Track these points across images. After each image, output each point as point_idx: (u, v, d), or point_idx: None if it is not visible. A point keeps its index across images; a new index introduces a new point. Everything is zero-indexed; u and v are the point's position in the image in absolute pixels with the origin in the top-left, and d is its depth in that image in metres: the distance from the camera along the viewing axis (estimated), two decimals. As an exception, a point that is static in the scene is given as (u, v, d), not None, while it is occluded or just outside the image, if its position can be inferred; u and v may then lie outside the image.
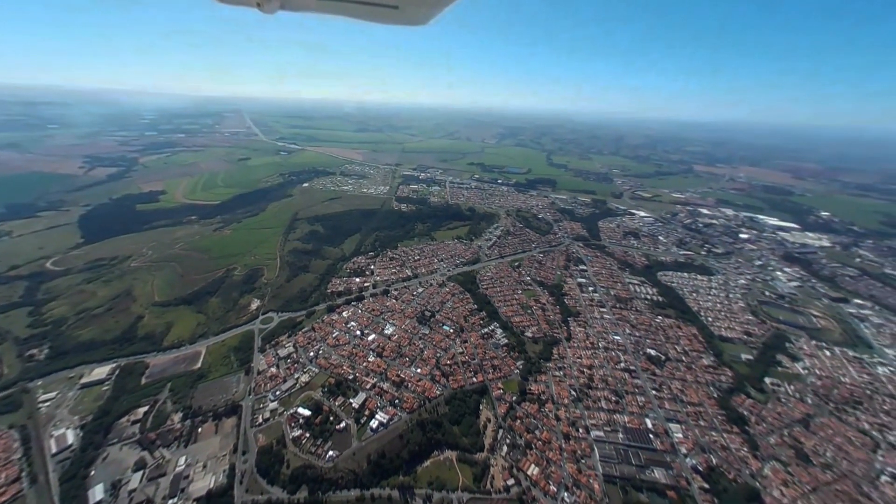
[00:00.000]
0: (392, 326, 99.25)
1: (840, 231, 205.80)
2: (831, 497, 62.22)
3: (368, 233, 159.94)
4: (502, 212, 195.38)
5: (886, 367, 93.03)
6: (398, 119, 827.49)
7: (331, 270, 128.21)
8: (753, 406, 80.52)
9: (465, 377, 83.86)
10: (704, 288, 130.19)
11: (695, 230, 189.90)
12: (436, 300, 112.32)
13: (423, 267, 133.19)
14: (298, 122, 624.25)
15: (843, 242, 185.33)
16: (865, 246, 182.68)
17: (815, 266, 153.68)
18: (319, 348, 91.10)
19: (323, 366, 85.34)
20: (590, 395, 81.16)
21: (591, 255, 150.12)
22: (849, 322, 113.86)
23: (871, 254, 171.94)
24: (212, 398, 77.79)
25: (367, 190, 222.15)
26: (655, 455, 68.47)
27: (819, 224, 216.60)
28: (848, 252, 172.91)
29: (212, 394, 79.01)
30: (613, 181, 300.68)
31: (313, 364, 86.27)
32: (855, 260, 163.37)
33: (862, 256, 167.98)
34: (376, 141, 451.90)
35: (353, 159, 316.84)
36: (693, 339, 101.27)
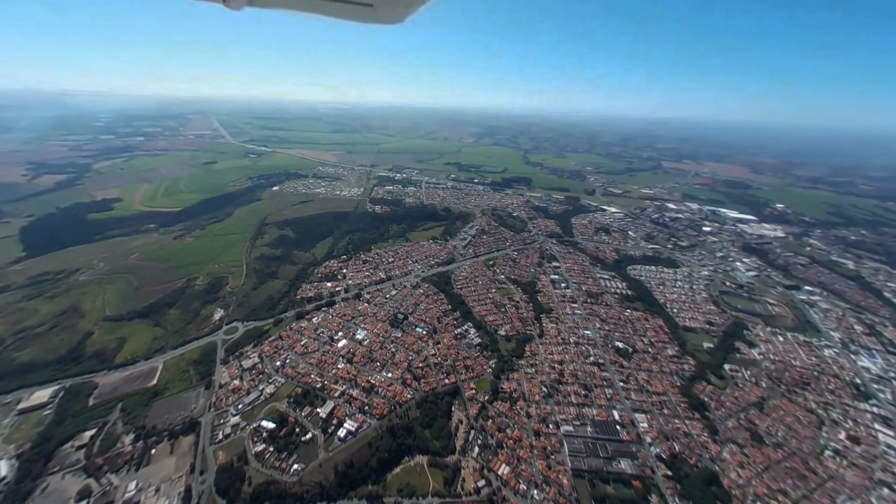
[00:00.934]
0: (364, 331, 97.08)
1: (793, 222, 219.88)
2: (782, 474, 65.72)
3: (341, 236, 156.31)
4: (478, 211, 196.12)
5: (832, 350, 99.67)
6: (375, 119, 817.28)
7: (301, 276, 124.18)
8: (713, 392, 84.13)
9: (437, 379, 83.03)
10: (670, 280, 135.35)
11: (662, 224, 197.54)
12: (409, 302, 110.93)
13: (397, 269, 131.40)
14: (270, 123, 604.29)
15: (795, 233, 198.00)
16: (815, 235, 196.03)
17: (770, 256, 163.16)
18: (287, 357, 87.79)
19: (290, 375, 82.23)
20: (560, 390, 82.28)
21: (564, 252, 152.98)
22: (800, 308, 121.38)
23: (820, 243, 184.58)
24: (168, 416, 73.24)
25: (340, 192, 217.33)
26: (622, 446, 70.11)
27: (774, 216, 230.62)
28: (799, 241, 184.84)
29: (168, 412, 74.41)
30: (587, 178, 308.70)
31: (280, 374, 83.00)
32: (805, 249, 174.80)
33: (812, 245, 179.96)
34: (352, 142, 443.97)
35: (327, 161, 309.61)
36: (659, 331, 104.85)
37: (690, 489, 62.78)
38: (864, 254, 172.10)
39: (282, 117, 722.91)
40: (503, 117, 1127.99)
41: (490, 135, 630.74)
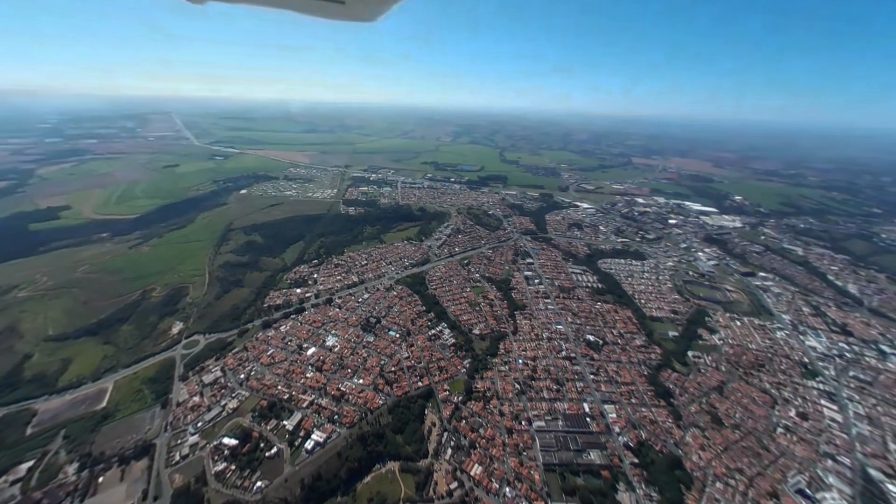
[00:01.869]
0: (334, 337, 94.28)
1: (749, 212, 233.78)
2: (738, 453, 69.13)
3: (313, 240, 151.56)
4: (453, 210, 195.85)
5: (783, 332, 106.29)
6: (351, 119, 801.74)
7: (269, 283, 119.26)
8: (678, 379, 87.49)
9: (410, 383, 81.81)
10: (638, 272, 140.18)
11: (631, 218, 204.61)
12: (382, 305, 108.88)
13: (371, 272, 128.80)
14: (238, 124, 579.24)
15: (751, 223, 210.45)
16: (769, 225, 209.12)
17: (729, 245, 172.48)
18: (252, 369, 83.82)
19: (255, 388, 78.51)
20: (533, 386, 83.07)
21: (537, 249, 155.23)
22: (755, 293, 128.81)
23: (773, 231, 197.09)
24: (118, 441, 68.05)
25: (312, 194, 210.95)
26: (592, 438, 71.55)
27: (733, 207, 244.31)
28: (755, 231, 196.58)
29: (118, 435, 69.16)
30: (561, 175, 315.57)
31: (244, 387, 79.07)
32: (760, 238, 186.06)
33: (766, 234, 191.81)
34: (326, 142, 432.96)
35: (299, 162, 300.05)
36: (628, 322, 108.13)
37: (655, 475, 64.85)
38: (812, 240, 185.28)
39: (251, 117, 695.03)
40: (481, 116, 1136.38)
41: (467, 133, 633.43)
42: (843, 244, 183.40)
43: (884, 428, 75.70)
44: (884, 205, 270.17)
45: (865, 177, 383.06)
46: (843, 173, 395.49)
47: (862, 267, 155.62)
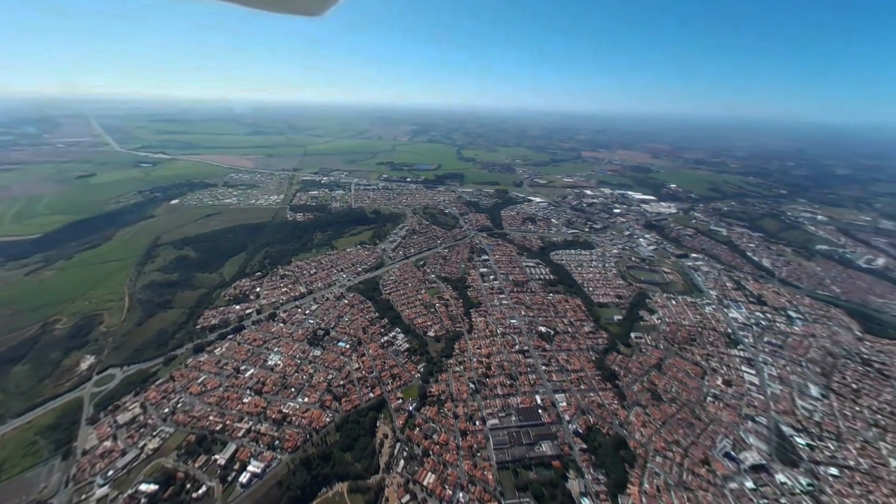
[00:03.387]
0: (277, 355, 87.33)
1: (682, 199, 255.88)
2: (675, 426, 73.98)
3: (256, 250, 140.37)
4: (409, 211, 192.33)
5: (710, 306, 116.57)
6: (302, 119, 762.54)
7: (203, 301, 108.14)
8: (622, 360, 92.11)
9: (360, 395, 77.90)
10: (587, 261, 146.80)
11: (580, 210, 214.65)
12: (332, 315, 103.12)
13: (321, 280, 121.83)
14: (171, 126, 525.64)
15: (684, 208, 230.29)
16: (698, 209, 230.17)
17: (666, 230, 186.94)
18: (179, 400, 74.84)
19: (181, 422, 70.06)
20: (487, 384, 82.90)
21: (493, 245, 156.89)
22: (688, 273, 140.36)
23: (702, 215, 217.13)
24: (3, 508, 57.06)
25: (256, 201, 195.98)
26: (543, 429, 72.71)
27: (669, 194, 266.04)
28: (687, 215, 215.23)
29: (3, 500, 57.98)
30: (516, 171, 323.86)
31: (168, 423, 70.27)
32: (692, 221, 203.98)
33: (696, 218, 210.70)
34: (273, 144, 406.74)
35: (242, 167, 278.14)
36: (577, 310, 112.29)
37: (603, 458, 67.24)
38: (733, 221, 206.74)
39: (187, 119, 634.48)
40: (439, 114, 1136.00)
41: (425, 132, 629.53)
42: (758, 223, 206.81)
43: (792, 385, 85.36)
44: (789, 186, 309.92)
45: (774, 162, 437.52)
46: (756, 160, 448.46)
47: (773, 242, 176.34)
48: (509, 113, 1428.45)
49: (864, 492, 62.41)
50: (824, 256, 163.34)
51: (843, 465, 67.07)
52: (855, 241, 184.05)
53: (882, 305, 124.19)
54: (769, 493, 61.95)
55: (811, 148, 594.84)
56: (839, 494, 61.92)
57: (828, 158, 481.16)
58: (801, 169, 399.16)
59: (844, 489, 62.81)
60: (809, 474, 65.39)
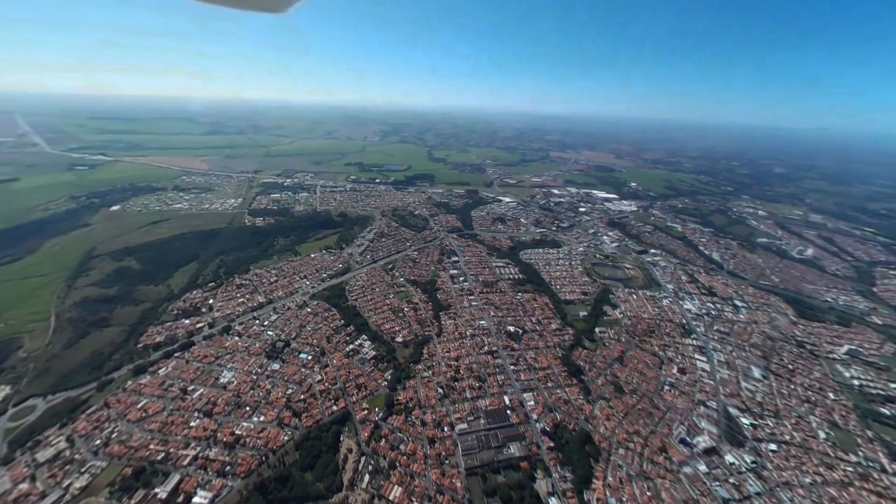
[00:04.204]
0: (231, 372, 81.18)
1: (642, 197, 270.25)
2: (636, 417, 76.72)
3: (209, 259, 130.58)
4: (377, 213, 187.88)
5: (667, 299, 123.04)
6: (266, 119, 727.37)
7: (147, 317, 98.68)
8: (587, 356, 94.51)
9: (323, 409, 74.00)
10: (554, 260, 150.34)
11: (548, 209, 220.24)
12: (293, 325, 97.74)
13: (282, 289, 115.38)
14: (115, 125, 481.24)
15: (644, 206, 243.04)
16: (657, 206, 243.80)
17: (627, 227, 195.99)
18: (114, 430, 67.24)
19: (116, 454, 62.88)
20: (456, 387, 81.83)
21: (463, 246, 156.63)
22: (647, 268, 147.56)
23: (660, 212, 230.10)
24: None
25: (210, 205, 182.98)
26: (512, 430, 72.66)
27: (630, 193, 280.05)
28: (646, 213, 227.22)
29: None
30: (486, 171, 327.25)
31: (100, 456, 62.80)
32: (651, 218, 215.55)
33: (655, 215, 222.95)
34: (233, 145, 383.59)
35: (196, 169, 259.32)
36: (545, 308, 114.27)
37: (569, 454, 68.20)
38: (687, 217, 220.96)
39: (135, 117, 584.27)
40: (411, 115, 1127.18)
41: (396, 132, 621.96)
42: (708, 218, 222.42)
43: (738, 369, 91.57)
44: (734, 184, 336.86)
45: (722, 162, 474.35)
46: (707, 160, 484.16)
47: (721, 237, 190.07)
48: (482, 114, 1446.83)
49: (798, 463, 67.77)
50: (764, 248, 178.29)
51: (780, 440, 72.52)
52: (790, 233, 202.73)
53: (812, 292, 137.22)
54: (720, 475, 65.55)
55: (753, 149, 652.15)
56: (778, 469, 66.75)
57: (767, 159, 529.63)
58: (744, 168, 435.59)
59: (782, 463, 67.88)
60: (753, 452, 70.06)
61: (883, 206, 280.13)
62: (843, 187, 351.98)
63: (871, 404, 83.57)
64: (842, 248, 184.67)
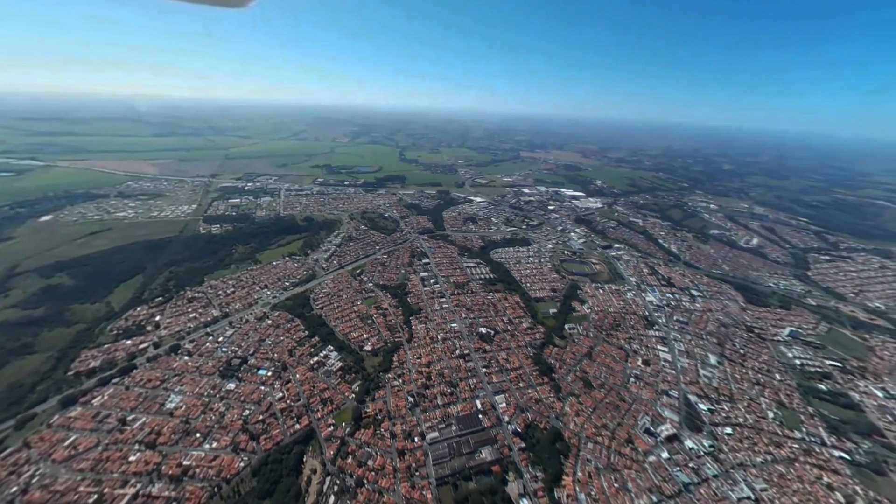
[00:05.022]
0: (178, 395, 74.16)
1: (607, 194, 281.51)
2: (604, 410, 78.32)
3: (157, 271, 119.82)
4: (345, 216, 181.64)
5: (631, 292, 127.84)
6: (226, 119, 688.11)
7: (81, 340, 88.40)
8: (558, 353, 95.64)
9: (284, 428, 69.29)
10: (524, 258, 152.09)
11: (518, 208, 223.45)
12: (251, 340, 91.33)
13: (239, 301, 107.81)
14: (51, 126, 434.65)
15: (608, 202, 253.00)
16: (620, 203, 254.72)
17: (593, 224, 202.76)
18: (35, 473, 58.96)
19: (37, 501, 55.04)
20: (427, 395, 79.73)
21: (434, 247, 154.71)
22: (612, 263, 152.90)
23: (623, 208, 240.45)
24: None
25: (160, 213, 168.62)
26: (483, 434, 71.68)
27: (596, 190, 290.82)
28: (611, 209, 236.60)
29: None
30: (458, 171, 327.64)
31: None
32: (615, 214, 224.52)
33: (619, 211, 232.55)
34: (188, 147, 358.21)
35: (144, 173, 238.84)
36: (516, 307, 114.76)
37: (540, 454, 68.18)
38: (648, 212, 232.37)
39: (74, 118, 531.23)
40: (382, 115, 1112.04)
41: (367, 133, 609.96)
42: (667, 213, 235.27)
43: (696, 357, 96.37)
44: (689, 180, 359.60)
45: (678, 160, 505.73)
46: (665, 158, 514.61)
47: (678, 229, 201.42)
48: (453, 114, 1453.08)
49: (751, 444, 71.97)
50: (716, 240, 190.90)
51: (735, 423, 76.78)
52: (737, 225, 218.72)
53: (758, 278, 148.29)
54: (680, 461, 68.14)
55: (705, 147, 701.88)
56: (733, 451, 70.48)
57: (718, 156, 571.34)
58: (698, 165, 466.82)
59: (736, 444, 71.78)
60: (710, 436, 73.60)
61: (814, 198, 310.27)
62: (780, 181, 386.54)
63: (810, 381, 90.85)
64: (781, 236, 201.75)
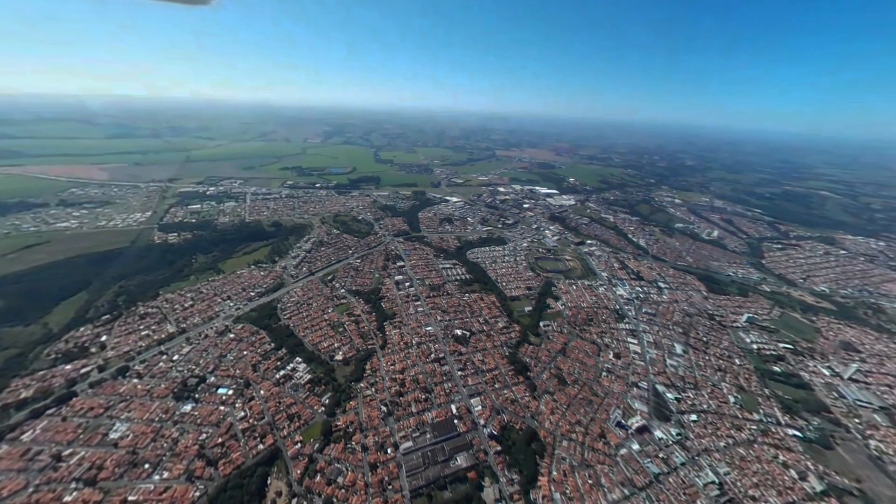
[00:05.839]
0: (125, 423, 67.76)
1: (580, 191, 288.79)
2: (577, 407, 79.06)
3: (104, 286, 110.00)
4: (316, 220, 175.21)
5: (603, 287, 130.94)
6: (189, 119, 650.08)
7: (11, 367, 79.15)
8: (533, 351, 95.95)
9: (246, 450, 64.86)
10: (500, 257, 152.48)
11: (494, 207, 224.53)
12: (210, 357, 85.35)
13: (199, 314, 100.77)
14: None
15: (581, 199, 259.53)
16: (592, 199, 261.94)
17: (567, 221, 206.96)
18: (-51, 527, 51.66)
19: (-49, 559, 48.18)
20: (401, 402, 77.44)
21: (409, 249, 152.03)
22: (585, 259, 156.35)
23: (595, 205, 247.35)
24: None
25: (108, 222, 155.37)
26: (459, 440, 70.32)
27: (569, 188, 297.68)
28: (583, 206, 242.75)
29: None
30: (434, 171, 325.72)
31: (-75, 567, 47.59)
32: (587, 211, 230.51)
33: (590, 208, 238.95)
34: (144, 150, 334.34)
35: (92, 179, 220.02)
36: (492, 307, 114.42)
37: (516, 456, 67.61)
38: (618, 208, 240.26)
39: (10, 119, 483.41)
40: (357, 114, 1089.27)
41: (340, 133, 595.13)
42: (636, 208, 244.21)
43: (663, 348, 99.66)
44: (656, 176, 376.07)
45: (645, 157, 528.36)
46: (633, 155, 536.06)
47: (646, 224, 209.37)
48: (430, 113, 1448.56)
49: (714, 430, 74.90)
50: (681, 233, 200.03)
51: (699, 410, 79.74)
52: (700, 217, 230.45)
53: (718, 268, 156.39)
54: (650, 452, 69.75)
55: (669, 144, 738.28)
56: (698, 437, 73.04)
57: (680, 152, 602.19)
58: (663, 161, 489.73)
59: (701, 431, 74.45)
60: (678, 425, 75.98)
61: (767, 190, 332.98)
62: (737, 175, 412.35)
63: (766, 364, 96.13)
64: (739, 227, 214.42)
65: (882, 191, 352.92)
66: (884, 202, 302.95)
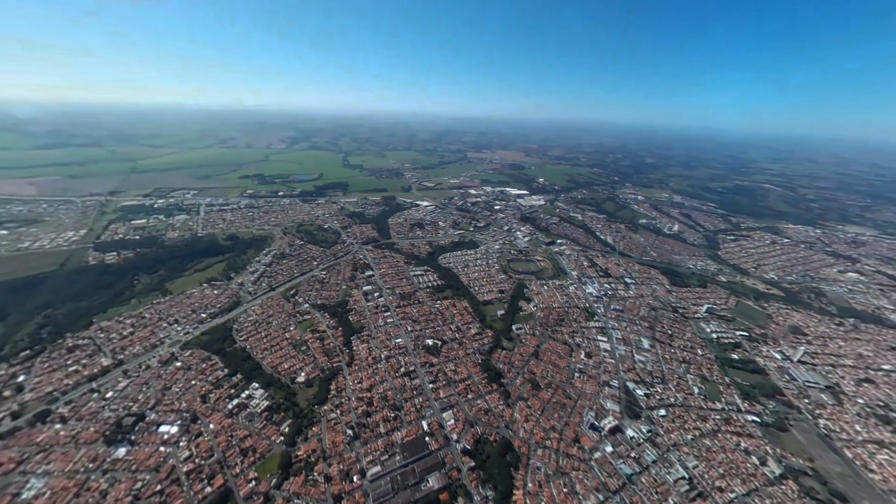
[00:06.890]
0: (43, 479, 58.36)
1: (549, 191, 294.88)
2: (551, 411, 77.91)
3: (25, 317, 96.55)
4: (278, 231, 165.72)
5: (573, 286, 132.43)
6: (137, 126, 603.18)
7: None
8: (506, 356, 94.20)
9: (190, 496, 57.72)
10: (472, 261, 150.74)
11: (465, 210, 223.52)
12: (151, 391, 76.40)
13: (140, 343, 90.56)
14: None
15: (550, 199, 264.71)
16: (561, 199, 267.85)
17: (537, 221, 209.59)
18: None
19: None
20: (368, 423, 72.76)
21: (378, 258, 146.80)
22: (555, 258, 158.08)
23: (564, 204, 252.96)
24: None
25: (33, 243, 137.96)
26: (431, 459, 66.76)
27: (538, 188, 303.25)
28: (553, 206, 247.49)
29: None
30: (404, 175, 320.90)
31: None
32: (556, 210, 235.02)
33: (560, 207, 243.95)
34: (83, 160, 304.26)
35: (16, 196, 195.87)
36: (465, 313, 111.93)
37: (491, 469, 65.07)
38: (586, 207, 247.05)
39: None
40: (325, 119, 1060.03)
41: (307, 139, 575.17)
42: (602, 206, 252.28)
43: (632, 344, 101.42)
44: (620, 174, 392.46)
45: (609, 156, 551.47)
46: (598, 154, 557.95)
47: (613, 221, 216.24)
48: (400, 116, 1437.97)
49: (681, 423, 76.32)
50: (644, 228, 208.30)
51: (667, 404, 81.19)
52: (661, 213, 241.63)
53: (679, 262, 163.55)
54: (623, 452, 69.64)
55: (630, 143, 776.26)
56: (667, 432, 74.02)
57: (641, 151, 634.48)
58: (626, 160, 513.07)
59: (669, 425, 75.58)
60: (648, 421, 76.75)
61: (720, 185, 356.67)
62: (692, 171, 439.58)
63: (725, 353, 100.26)
64: (696, 221, 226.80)
65: (815, 182, 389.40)
66: (816, 192, 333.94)
